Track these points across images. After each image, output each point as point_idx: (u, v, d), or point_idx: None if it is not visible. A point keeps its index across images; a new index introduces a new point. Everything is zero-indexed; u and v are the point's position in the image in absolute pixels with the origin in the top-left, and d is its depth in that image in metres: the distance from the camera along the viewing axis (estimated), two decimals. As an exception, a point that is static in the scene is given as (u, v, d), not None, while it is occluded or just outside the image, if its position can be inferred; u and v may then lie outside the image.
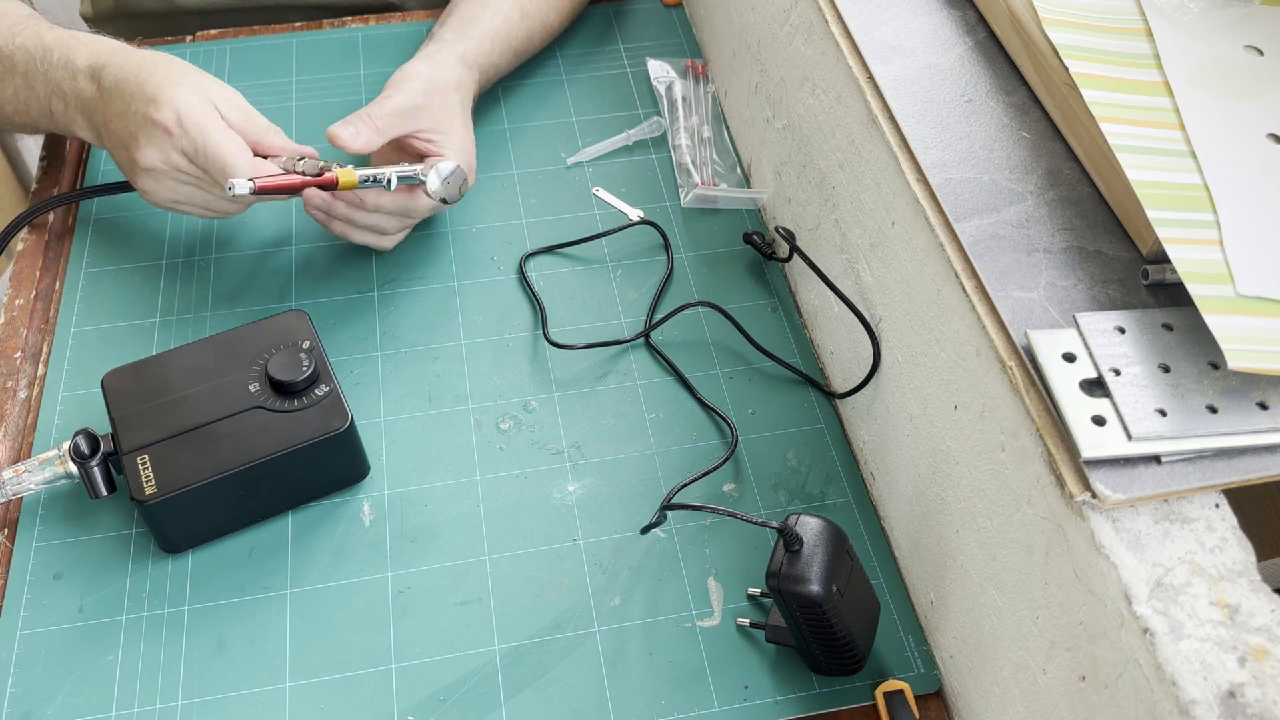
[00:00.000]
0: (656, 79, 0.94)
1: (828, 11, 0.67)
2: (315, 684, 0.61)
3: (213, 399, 0.65)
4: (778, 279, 0.81)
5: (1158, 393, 0.46)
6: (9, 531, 0.67)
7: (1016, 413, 0.49)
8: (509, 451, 0.71)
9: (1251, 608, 0.42)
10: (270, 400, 0.65)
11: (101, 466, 0.64)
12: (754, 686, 0.61)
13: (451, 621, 0.63)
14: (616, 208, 0.85)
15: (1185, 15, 0.60)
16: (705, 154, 0.88)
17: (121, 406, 0.65)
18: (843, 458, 0.71)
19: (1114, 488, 0.44)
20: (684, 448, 0.71)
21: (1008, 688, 0.53)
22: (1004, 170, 0.57)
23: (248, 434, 0.64)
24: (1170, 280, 0.51)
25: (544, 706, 0.60)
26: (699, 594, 0.65)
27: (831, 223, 0.71)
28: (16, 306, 0.78)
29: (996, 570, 0.53)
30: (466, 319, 0.78)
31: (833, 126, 0.68)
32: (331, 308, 0.78)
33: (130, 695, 0.60)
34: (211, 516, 0.65)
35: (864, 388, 0.67)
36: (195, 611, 0.64)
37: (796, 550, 0.56)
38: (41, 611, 0.63)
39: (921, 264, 0.58)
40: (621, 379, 0.75)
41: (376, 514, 0.68)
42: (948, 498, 0.58)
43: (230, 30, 0.99)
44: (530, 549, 0.67)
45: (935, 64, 0.63)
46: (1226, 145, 0.53)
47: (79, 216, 0.84)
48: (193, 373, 0.66)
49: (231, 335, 0.68)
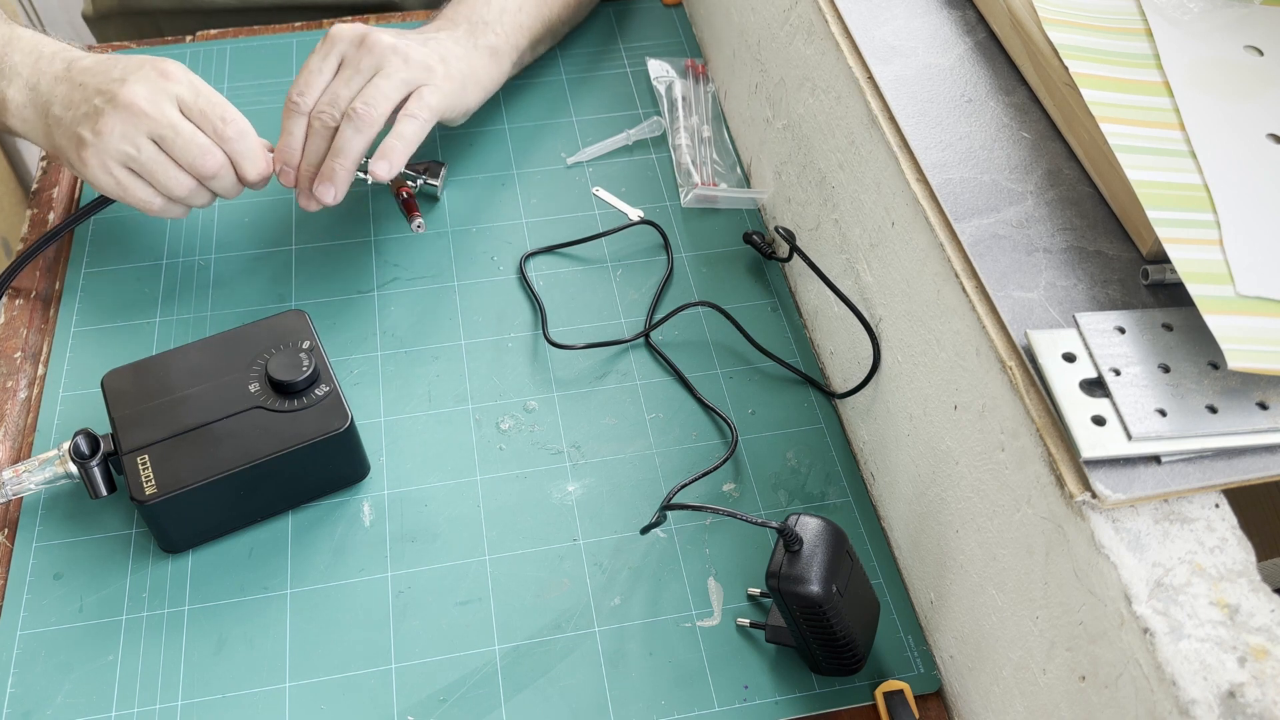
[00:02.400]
0: (656, 79, 0.94)
1: (828, 11, 0.67)
2: (315, 684, 0.61)
3: (213, 399, 0.65)
4: (778, 279, 0.81)
5: (1158, 393, 0.46)
6: (9, 531, 0.67)
7: (1016, 413, 0.49)
8: (509, 451, 0.71)
9: (1251, 608, 0.42)
10: (270, 400, 0.65)
11: (101, 466, 0.64)
12: (754, 686, 0.61)
13: (451, 621, 0.63)
14: (616, 208, 0.85)
15: (1185, 15, 0.60)
16: (705, 154, 0.88)
17: (121, 406, 0.65)
18: (843, 458, 0.71)
19: (1114, 488, 0.44)
20: (684, 448, 0.71)
21: (1008, 688, 0.53)
22: (1004, 170, 0.57)
23: (248, 434, 0.64)
24: (1170, 280, 0.51)
25: (544, 706, 0.60)
26: (699, 594, 0.65)
27: (831, 223, 0.71)
28: (16, 306, 0.78)
29: (996, 570, 0.53)
30: (466, 319, 0.78)
31: (833, 126, 0.68)
32: (331, 308, 0.78)
33: (130, 695, 0.60)
34: (212, 516, 0.65)
35: (864, 388, 0.67)
36: (195, 611, 0.64)
37: (796, 550, 0.56)
38: (41, 611, 0.63)
39: (921, 264, 0.58)
40: (621, 379, 0.75)
41: (376, 514, 0.68)
42: (948, 498, 0.58)
43: (230, 30, 0.99)
44: (530, 549, 0.67)
45: (935, 64, 0.63)
46: (1226, 145, 0.53)
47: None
48: (193, 373, 0.66)
49: (231, 335, 0.68)
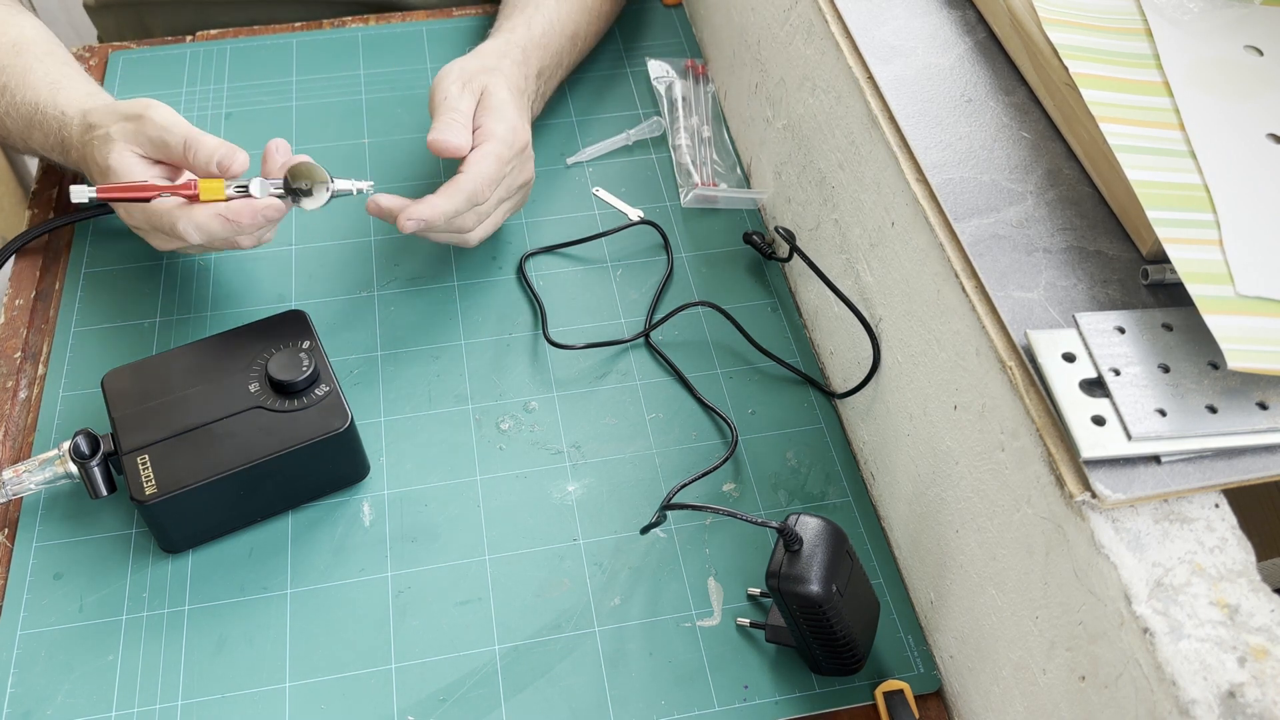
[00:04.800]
0: (656, 79, 0.94)
1: (828, 11, 0.67)
2: (315, 684, 0.61)
3: (213, 399, 0.65)
4: (778, 279, 0.81)
5: (1157, 393, 0.46)
6: (9, 531, 0.67)
7: (1016, 413, 0.49)
8: (509, 451, 0.71)
9: (1251, 608, 0.42)
10: (270, 400, 0.65)
11: (102, 466, 0.64)
12: (754, 686, 0.61)
13: (451, 621, 0.63)
14: (616, 208, 0.85)
15: (1185, 15, 0.60)
16: (705, 154, 0.88)
17: (121, 406, 0.65)
18: (843, 458, 0.71)
19: (1114, 488, 0.44)
20: (684, 448, 0.71)
21: (1008, 688, 0.53)
22: (1004, 170, 0.57)
23: (248, 434, 0.64)
24: (1170, 280, 0.51)
25: (544, 706, 0.60)
26: (699, 594, 0.65)
27: (831, 223, 0.71)
28: (16, 306, 0.78)
29: (996, 570, 0.53)
30: (466, 319, 0.78)
31: (833, 126, 0.68)
32: (331, 308, 0.78)
33: (130, 695, 0.60)
34: (211, 516, 0.65)
35: (864, 388, 0.67)
36: (195, 611, 0.64)
37: (796, 550, 0.56)
38: (41, 611, 0.63)
39: (921, 264, 0.58)
40: (621, 379, 0.75)
41: (376, 514, 0.68)
42: (948, 498, 0.58)
43: (230, 30, 0.99)
44: (530, 549, 0.67)
45: (935, 64, 0.63)
46: (1226, 145, 0.53)
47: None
48: (193, 373, 0.66)
49: (231, 335, 0.68)
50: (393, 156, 0.88)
